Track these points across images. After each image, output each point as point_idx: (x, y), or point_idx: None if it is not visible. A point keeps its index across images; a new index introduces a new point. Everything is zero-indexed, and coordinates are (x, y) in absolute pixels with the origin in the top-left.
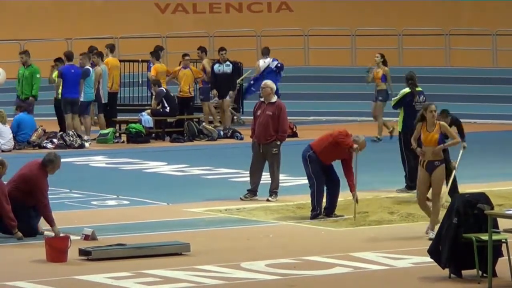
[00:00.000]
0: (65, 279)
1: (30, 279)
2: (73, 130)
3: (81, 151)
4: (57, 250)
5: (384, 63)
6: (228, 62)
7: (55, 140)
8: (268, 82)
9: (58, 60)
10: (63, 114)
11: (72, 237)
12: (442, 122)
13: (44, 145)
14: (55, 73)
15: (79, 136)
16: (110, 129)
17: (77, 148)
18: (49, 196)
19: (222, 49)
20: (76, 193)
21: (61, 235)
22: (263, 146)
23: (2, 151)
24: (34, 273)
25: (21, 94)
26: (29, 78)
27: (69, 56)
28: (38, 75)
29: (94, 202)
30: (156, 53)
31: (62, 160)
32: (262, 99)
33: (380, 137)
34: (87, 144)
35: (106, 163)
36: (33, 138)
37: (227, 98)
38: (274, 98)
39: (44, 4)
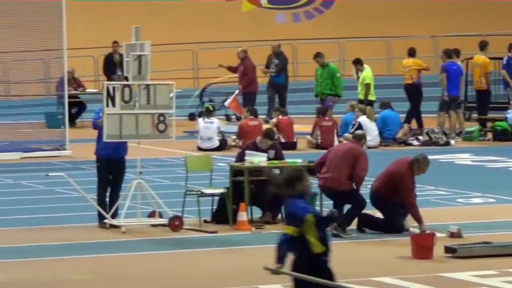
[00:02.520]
0: (431, 276)
1: (395, 275)
2: (438, 127)
3: (447, 149)
4: (422, 247)
5: None
6: None
7: (420, 137)
8: None
9: (357, 61)
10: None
11: (438, 234)
12: None
13: (410, 142)
14: (366, 73)
15: (445, 134)
16: (475, 127)
17: (443, 146)
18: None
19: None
20: (442, 190)
21: (427, 232)
22: None
23: (368, 147)
24: (399, 270)
25: (320, 94)
26: (328, 78)
27: (448, 53)
28: (338, 74)
29: (460, 200)
30: None
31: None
32: None
33: None
34: (452, 142)
35: (472, 161)
36: (399, 135)
37: None
38: None
39: (410, 2)
